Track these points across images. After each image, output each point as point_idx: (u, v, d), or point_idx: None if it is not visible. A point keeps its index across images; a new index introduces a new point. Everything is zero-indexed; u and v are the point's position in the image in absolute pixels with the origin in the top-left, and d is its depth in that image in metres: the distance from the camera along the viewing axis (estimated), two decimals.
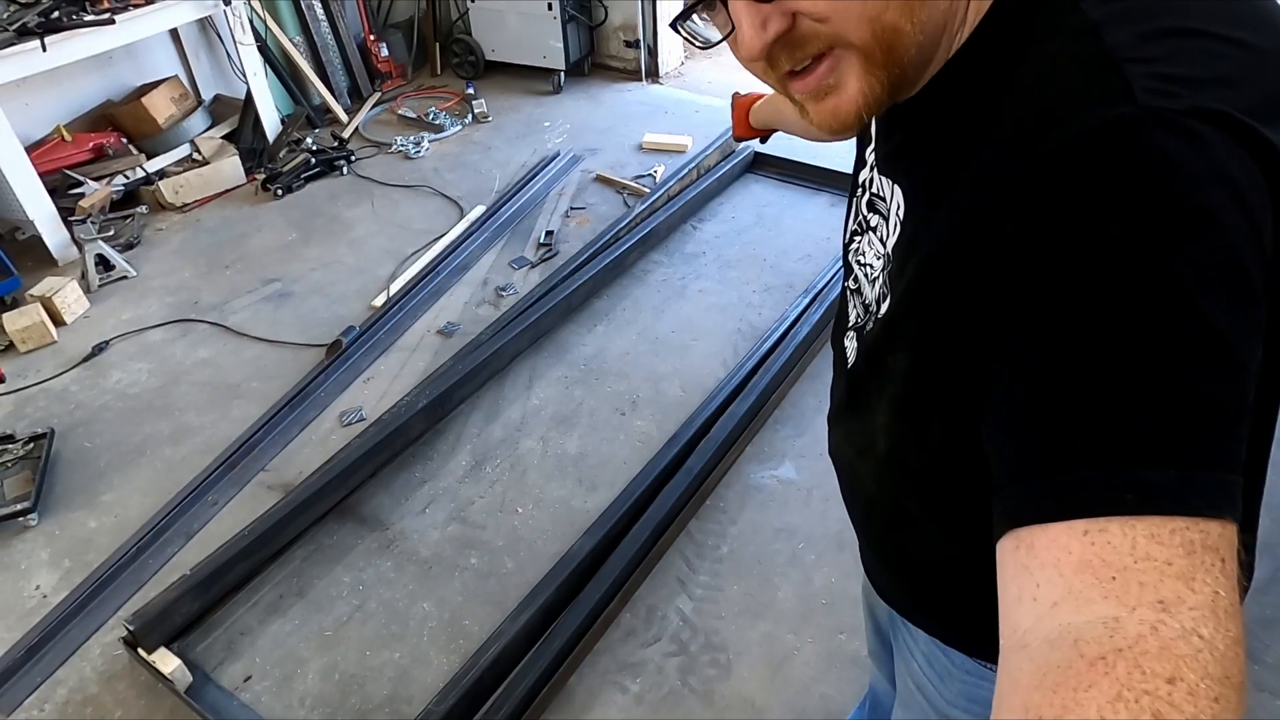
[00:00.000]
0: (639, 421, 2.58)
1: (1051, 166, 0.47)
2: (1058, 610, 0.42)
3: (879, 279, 0.69)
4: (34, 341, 3.02)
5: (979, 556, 0.71)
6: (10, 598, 2.15)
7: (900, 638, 0.94)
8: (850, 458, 0.83)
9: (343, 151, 4.18)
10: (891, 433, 0.71)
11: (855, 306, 0.77)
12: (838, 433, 0.87)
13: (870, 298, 0.72)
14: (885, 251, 0.68)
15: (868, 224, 0.73)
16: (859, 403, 0.77)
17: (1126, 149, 0.45)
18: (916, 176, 0.62)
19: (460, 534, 2.25)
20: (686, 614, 2.02)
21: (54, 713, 1.89)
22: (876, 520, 0.84)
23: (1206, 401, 0.43)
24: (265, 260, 3.51)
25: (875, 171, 0.71)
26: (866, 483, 0.80)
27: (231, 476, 2.46)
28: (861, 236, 0.75)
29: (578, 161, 4.09)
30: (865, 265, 0.73)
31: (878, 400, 0.71)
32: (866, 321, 0.72)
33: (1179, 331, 0.43)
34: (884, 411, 0.70)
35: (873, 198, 0.72)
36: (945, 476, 0.68)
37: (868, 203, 0.73)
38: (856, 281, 0.77)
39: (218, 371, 2.90)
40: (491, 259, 3.42)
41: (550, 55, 4.76)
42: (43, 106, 3.74)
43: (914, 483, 0.72)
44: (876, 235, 0.71)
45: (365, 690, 1.90)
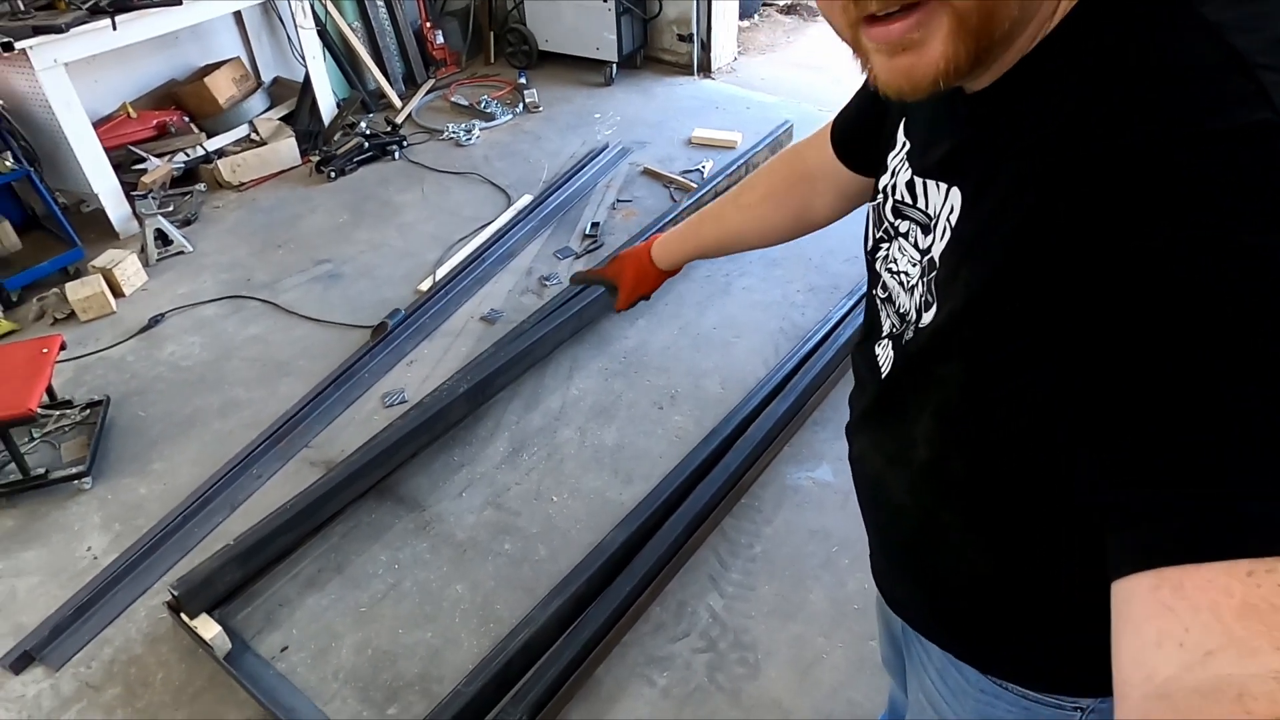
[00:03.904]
0: (677, 416, 2.58)
1: (1179, 167, 0.44)
2: (1213, 659, 0.38)
3: (917, 286, 0.67)
4: (94, 311, 3.12)
5: (1012, 572, 0.70)
6: (63, 557, 2.23)
7: (914, 651, 0.92)
8: (878, 466, 0.81)
9: (395, 137, 4.24)
10: (935, 442, 0.68)
11: (888, 316, 0.74)
12: (862, 440, 0.85)
13: (907, 306, 0.69)
14: (928, 259, 0.65)
15: (896, 230, 0.71)
16: (893, 411, 0.75)
17: (1269, 155, 0.43)
18: (984, 176, 0.58)
19: (495, 519, 2.28)
20: (717, 611, 2.02)
21: (100, 670, 1.96)
22: (903, 531, 0.81)
23: None
24: (316, 241, 3.57)
25: (910, 175, 0.68)
26: (896, 492, 0.78)
27: (276, 451, 2.51)
28: (889, 243, 0.73)
29: (626, 154, 4.09)
30: (899, 273, 0.71)
31: (918, 409, 0.69)
32: (904, 330, 0.70)
33: None
34: (927, 420, 0.68)
35: (898, 204, 0.70)
36: (993, 488, 0.66)
37: (893, 209, 0.71)
38: (886, 290, 0.74)
39: (267, 348, 2.96)
40: (536, 248, 3.44)
41: (603, 47, 4.77)
42: (111, 84, 3.86)
43: (956, 493, 0.70)
44: (909, 241, 0.68)
45: (397, 667, 1.93)
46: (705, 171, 3.86)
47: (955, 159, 0.62)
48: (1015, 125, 0.55)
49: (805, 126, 4.04)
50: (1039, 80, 0.53)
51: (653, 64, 5.08)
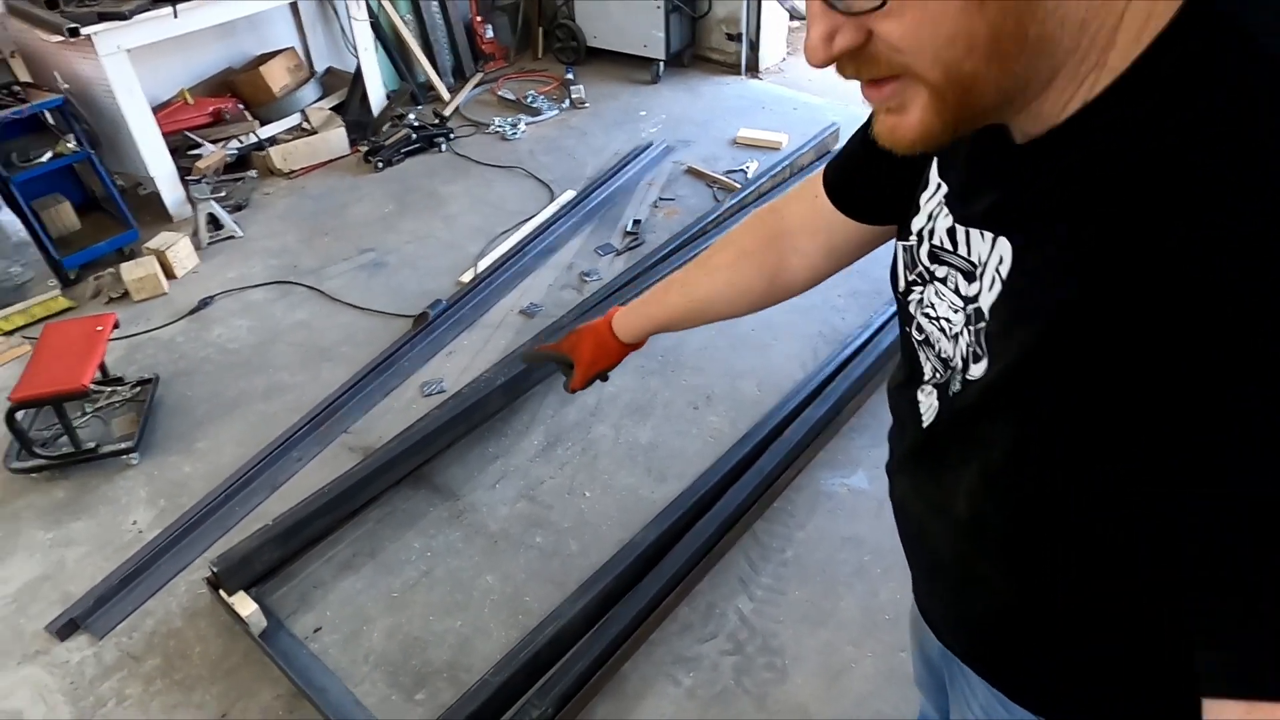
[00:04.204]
0: (712, 417, 2.57)
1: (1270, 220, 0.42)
2: None
3: (961, 334, 0.64)
4: (147, 291, 3.21)
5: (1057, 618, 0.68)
6: (110, 530, 2.29)
7: (957, 681, 0.90)
8: (919, 511, 0.79)
9: (443, 129, 4.28)
10: (979, 500, 0.67)
11: (929, 359, 0.72)
12: (903, 483, 0.83)
13: (950, 353, 0.67)
14: (974, 308, 0.62)
15: (931, 274, 0.68)
16: (937, 461, 0.73)
17: None
18: (1037, 229, 0.55)
19: (528, 512, 2.29)
20: (745, 614, 2.01)
21: (141, 641, 2.01)
22: (946, 577, 0.80)
23: None
24: (362, 230, 3.63)
25: (951, 222, 0.65)
26: (937, 541, 0.76)
27: (316, 435, 2.56)
28: (923, 287, 0.70)
29: (670, 152, 4.08)
30: (938, 319, 0.68)
31: (963, 465, 0.67)
32: (948, 378, 0.68)
33: None
34: (972, 478, 0.66)
35: (936, 249, 0.67)
36: (1039, 547, 0.64)
37: (929, 253, 0.68)
38: (923, 333, 0.72)
39: (311, 334, 3.02)
40: (578, 244, 3.46)
41: (651, 45, 4.77)
42: (170, 70, 3.96)
43: (997, 549, 0.68)
44: (949, 287, 0.66)
45: (426, 654, 1.96)
46: (749, 172, 3.84)
47: (1004, 210, 0.59)
48: (1071, 179, 0.53)
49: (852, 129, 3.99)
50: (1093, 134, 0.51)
51: (700, 63, 5.06)
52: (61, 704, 1.89)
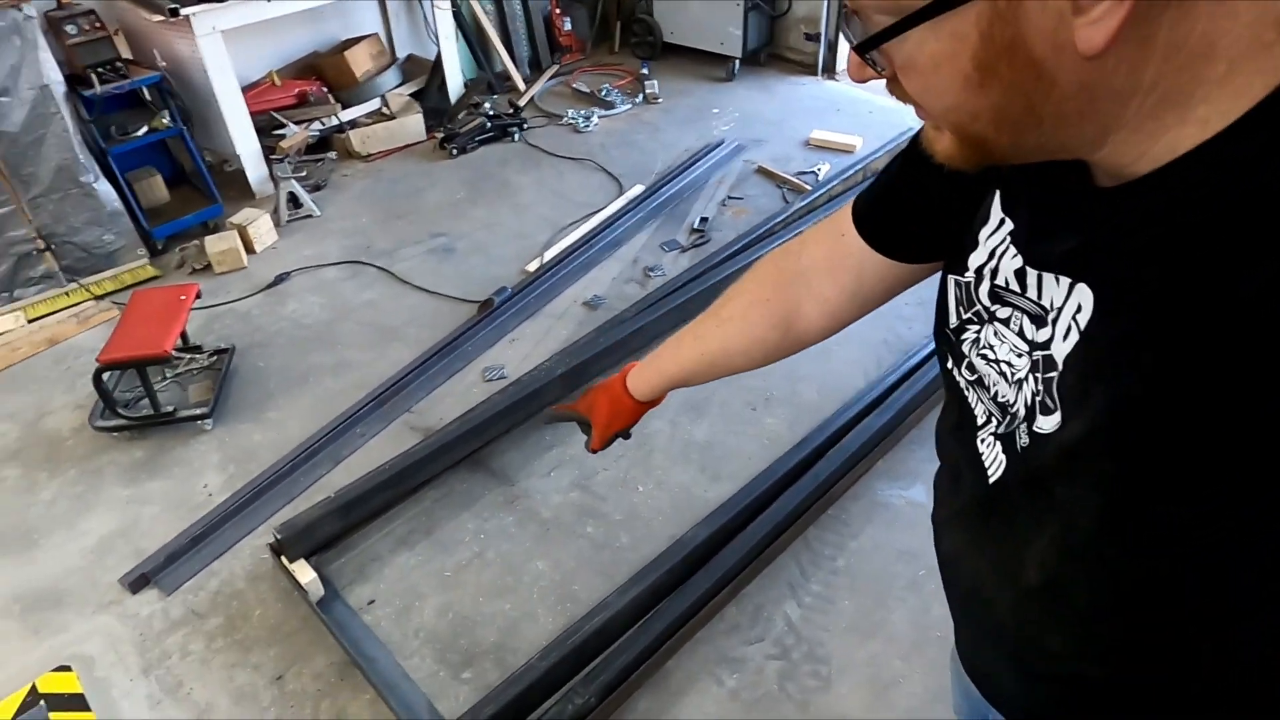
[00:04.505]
0: (770, 419, 2.55)
1: None
2: None
3: (1027, 381, 0.60)
4: (228, 265, 3.33)
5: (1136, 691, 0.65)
6: (183, 491, 2.39)
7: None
8: (976, 571, 0.74)
9: (517, 119, 4.34)
10: (1054, 568, 0.62)
11: (981, 402, 0.67)
12: (955, 538, 0.78)
13: (1012, 399, 0.63)
14: (1043, 355, 0.59)
15: (991, 314, 0.65)
16: (1002, 521, 0.68)
17: None
18: (1126, 278, 0.52)
19: (581, 502, 2.31)
20: (793, 620, 1.99)
21: (206, 599, 2.10)
22: (1003, 642, 0.75)
23: None
24: (434, 215, 3.70)
25: (1021, 264, 0.61)
26: (997, 605, 0.72)
27: (380, 413, 2.62)
28: (981, 327, 0.66)
29: (741, 151, 4.06)
30: (997, 362, 0.64)
31: (1036, 528, 0.63)
32: (1012, 428, 0.63)
33: None
34: (1045, 543, 0.62)
35: (999, 290, 0.63)
36: (1124, 620, 0.61)
37: (990, 293, 0.64)
38: (976, 373, 0.68)
39: (380, 314, 3.09)
40: (644, 239, 3.46)
41: (728, 42, 4.74)
42: (260, 52, 4.09)
43: (1075, 621, 0.64)
44: (1012, 329, 0.62)
45: (475, 634, 1.99)
46: (821, 174, 3.79)
47: (1085, 256, 0.55)
48: (1165, 223, 0.49)
49: None
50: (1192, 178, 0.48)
51: (776, 62, 5.01)
52: (130, 654, 1.98)
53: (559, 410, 1.22)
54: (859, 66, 0.55)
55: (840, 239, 0.85)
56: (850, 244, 0.84)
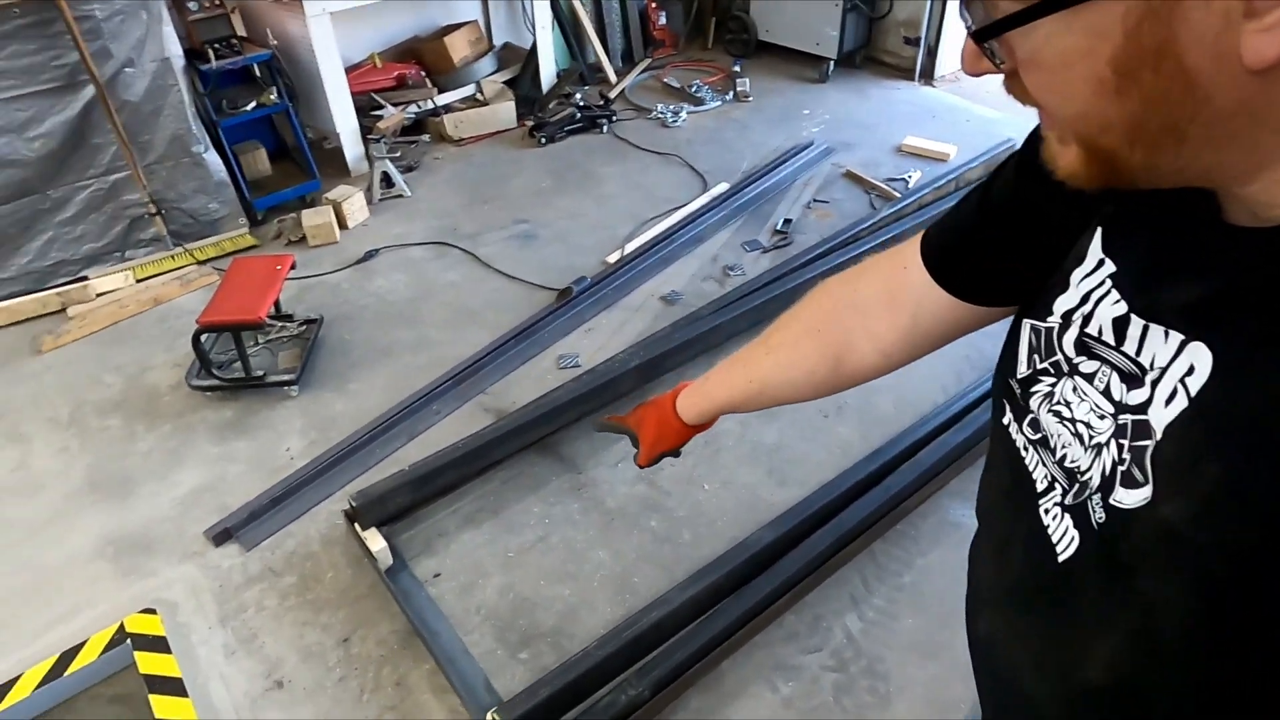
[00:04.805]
0: (842, 428, 2.51)
1: None
2: None
3: (1107, 447, 0.54)
4: (321, 238, 3.45)
5: None
6: (267, 453, 2.49)
7: None
8: (1019, 663, 0.66)
9: (606, 111, 4.37)
10: (1126, 670, 0.55)
11: (1045, 468, 0.60)
12: (994, 620, 0.69)
13: (1084, 465, 0.56)
14: (1134, 420, 0.52)
15: (1073, 367, 0.58)
16: (1062, 607, 0.59)
17: None
18: (1261, 338, 0.45)
19: (646, 495, 2.32)
20: (853, 633, 1.96)
21: (281, 558, 2.18)
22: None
23: None
24: (520, 201, 3.76)
25: (1125, 311, 0.54)
26: (1042, 703, 0.64)
27: (456, 392, 2.68)
28: (1058, 380, 0.59)
29: (830, 154, 4.00)
30: (1073, 421, 0.57)
31: (1106, 621, 0.55)
32: (1082, 499, 0.56)
33: None
34: (1118, 641, 0.54)
35: (1088, 339, 0.56)
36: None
37: (1076, 342, 0.57)
38: (1040, 431, 0.60)
39: (461, 295, 3.16)
40: (725, 237, 3.45)
41: (824, 43, 4.67)
42: (364, 35, 4.23)
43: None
44: (1096, 386, 0.55)
45: (534, 616, 2.02)
46: (911, 182, 3.70)
47: (1210, 309, 0.48)
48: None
49: None
50: None
51: (872, 65, 4.91)
52: (210, 603, 2.08)
53: (609, 421, 1.21)
54: (974, 57, 0.49)
55: (902, 271, 0.78)
56: (912, 278, 0.77)
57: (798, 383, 0.91)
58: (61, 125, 3.02)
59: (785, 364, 0.92)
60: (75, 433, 2.59)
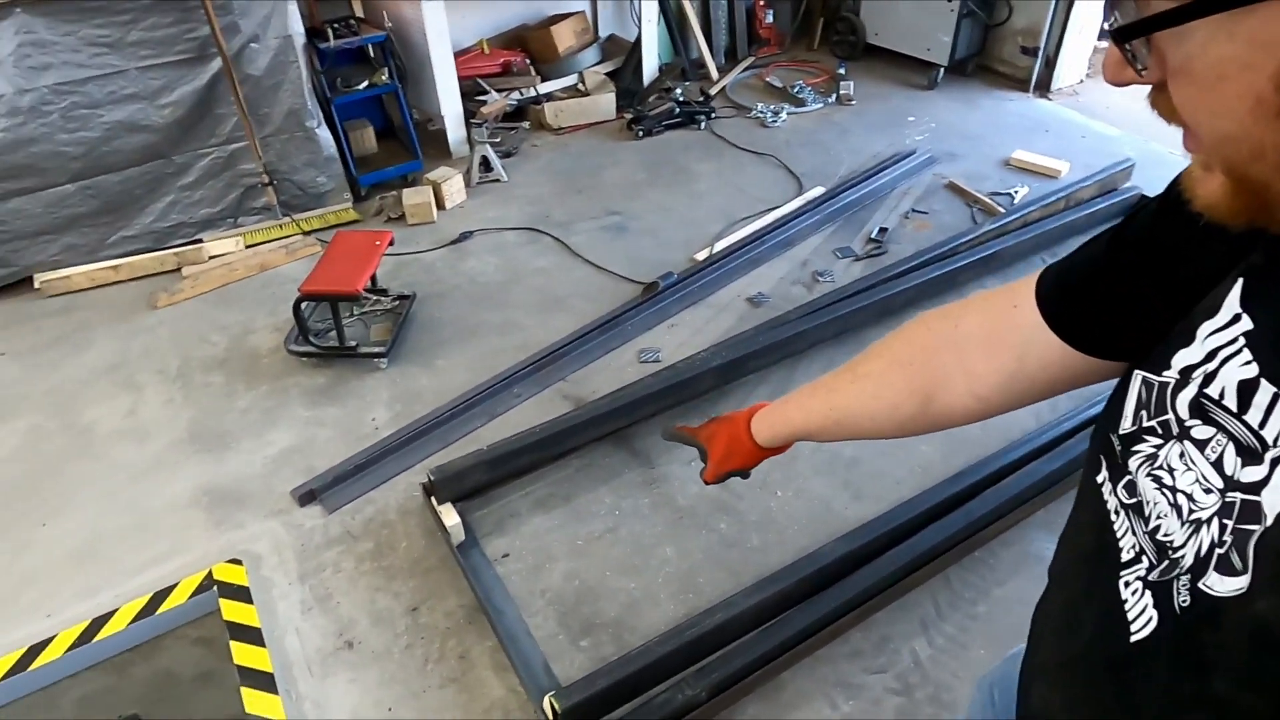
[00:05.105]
0: (925, 447, 2.44)
1: None
2: None
3: (1208, 524, 0.48)
4: (420, 217, 3.55)
5: None
6: (354, 421, 2.58)
7: None
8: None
9: (705, 107, 4.35)
10: None
11: (1135, 537, 0.55)
12: (1058, 694, 0.64)
13: (1178, 540, 0.51)
14: (1243, 499, 0.46)
15: (1184, 430, 0.52)
16: (1129, 691, 0.55)
17: None
18: None
19: (717, 496, 2.30)
20: (921, 658, 1.90)
21: (360, 523, 2.26)
22: None
23: None
24: (612, 193, 3.78)
25: (1256, 374, 0.48)
26: None
27: (537, 377, 2.72)
28: (1165, 443, 0.53)
29: (933, 164, 3.88)
30: (1174, 490, 0.52)
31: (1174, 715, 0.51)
32: (1170, 577, 0.51)
33: None
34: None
35: (1206, 400, 0.50)
36: None
37: (1192, 403, 0.51)
38: (1135, 495, 0.55)
39: (549, 282, 3.20)
40: (817, 242, 3.39)
41: (935, 49, 4.53)
42: (474, 21, 4.32)
43: None
44: (1206, 456, 0.50)
45: (597, 605, 2.04)
46: (1017, 197, 3.56)
47: None
48: None
49: (1150, 168, 3.59)
50: None
51: (984, 73, 4.74)
52: (291, 559, 2.17)
53: (679, 431, 1.19)
54: (1118, 64, 0.45)
55: (1011, 310, 0.73)
56: (1022, 318, 0.71)
57: (880, 417, 0.87)
58: (190, 95, 3.19)
59: (869, 396, 0.88)
60: (181, 386, 2.74)
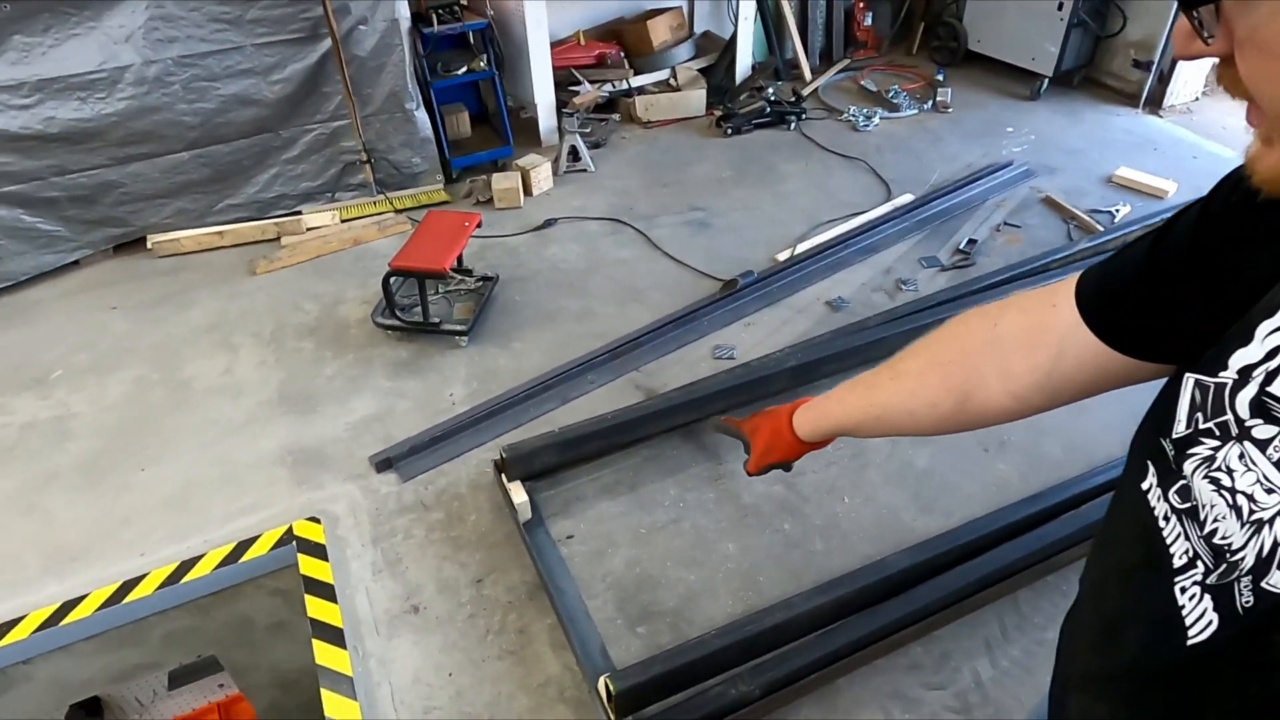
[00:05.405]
0: (1001, 464, 2.37)
1: None
2: None
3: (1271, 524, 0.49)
4: (507, 202, 3.63)
5: None
6: (432, 394, 2.66)
7: None
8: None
9: (797, 108, 4.31)
10: None
11: (1189, 542, 0.55)
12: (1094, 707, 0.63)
13: (1238, 542, 0.50)
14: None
15: (1244, 430, 0.51)
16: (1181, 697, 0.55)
17: None
18: None
19: (783, 497, 2.29)
20: (983, 679, 1.86)
21: (433, 495, 2.33)
22: None
23: None
24: (697, 189, 3.78)
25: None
26: None
27: (611, 366, 2.75)
28: (1224, 444, 0.53)
29: (1030, 177, 3.76)
30: (1233, 492, 0.51)
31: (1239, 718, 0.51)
32: (1229, 579, 0.51)
33: None
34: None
35: (1270, 399, 0.50)
36: None
37: (1254, 402, 0.51)
38: (1189, 499, 0.55)
39: (629, 273, 3.23)
40: (902, 250, 3.32)
41: (1040, 58, 4.38)
42: (572, 12, 4.38)
43: None
44: (1269, 456, 0.49)
45: (656, 594, 2.05)
46: (1118, 216, 3.42)
47: None
48: None
49: None
50: None
51: (1091, 86, 4.56)
52: (365, 522, 2.26)
53: (725, 422, 1.22)
54: (1186, 36, 0.47)
55: (1050, 310, 0.73)
56: (1060, 318, 0.72)
57: (918, 414, 0.88)
58: (300, 72, 3.33)
59: (908, 393, 0.89)
60: (274, 349, 2.87)
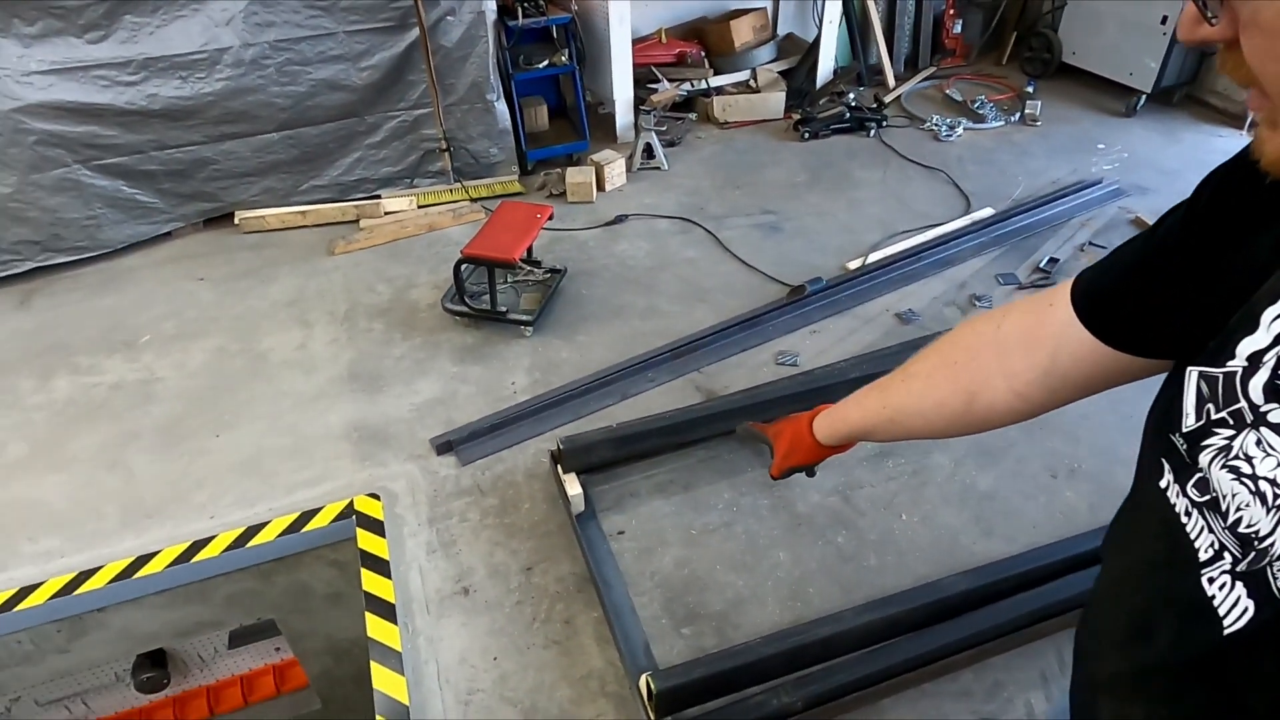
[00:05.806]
0: (1069, 493, 2.29)
1: None
2: None
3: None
4: (579, 196, 3.66)
5: None
6: (495, 381, 2.71)
7: None
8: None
9: (877, 115, 4.23)
10: None
11: (1212, 534, 0.55)
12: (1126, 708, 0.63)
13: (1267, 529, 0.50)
14: None
15: (1259, 416, 0.52)
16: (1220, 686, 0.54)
17: None
18: None
19: (839, 509, 2.26)
20: (1036, 712, 1.80)
21: (490, 480, 2.37)
22: None
23: None
24: (770, 192, 3.75)
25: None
26: None
27: (672, 365, 2.75)
28: (1239, 432, 0.53)
29: (1119, 196, 3.61)
30: (1254, 479, 0.51)
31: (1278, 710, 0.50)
32: (1260, 565, 0.51)
33: None
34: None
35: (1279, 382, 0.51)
36: None
37: (1267, 387, 0.51)
38: (1209, 492, 0.55)
39: (696, 273, 3.22)
40: (978, 265, 3.23)
41: (1138, 73, 4.20)
42: (655, 10, 4.39)
43: None
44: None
45: (703, 596, 2.05)
46: None
47: None
48: None
49: None
50: None
51: (1192, 105, 4.36)
52: (423, 501, 2.31)
53: (750, 427, 1.25)
54: (1193, 20, 0.48)
55: (1047, 310, 0.76)
56: (1056, 317, 0.74)
57: (929, 415, 0.92)
58: (387, 60, 3.41)
59: (918, 394, 0.93)
60: (346, 328, 2.96)
